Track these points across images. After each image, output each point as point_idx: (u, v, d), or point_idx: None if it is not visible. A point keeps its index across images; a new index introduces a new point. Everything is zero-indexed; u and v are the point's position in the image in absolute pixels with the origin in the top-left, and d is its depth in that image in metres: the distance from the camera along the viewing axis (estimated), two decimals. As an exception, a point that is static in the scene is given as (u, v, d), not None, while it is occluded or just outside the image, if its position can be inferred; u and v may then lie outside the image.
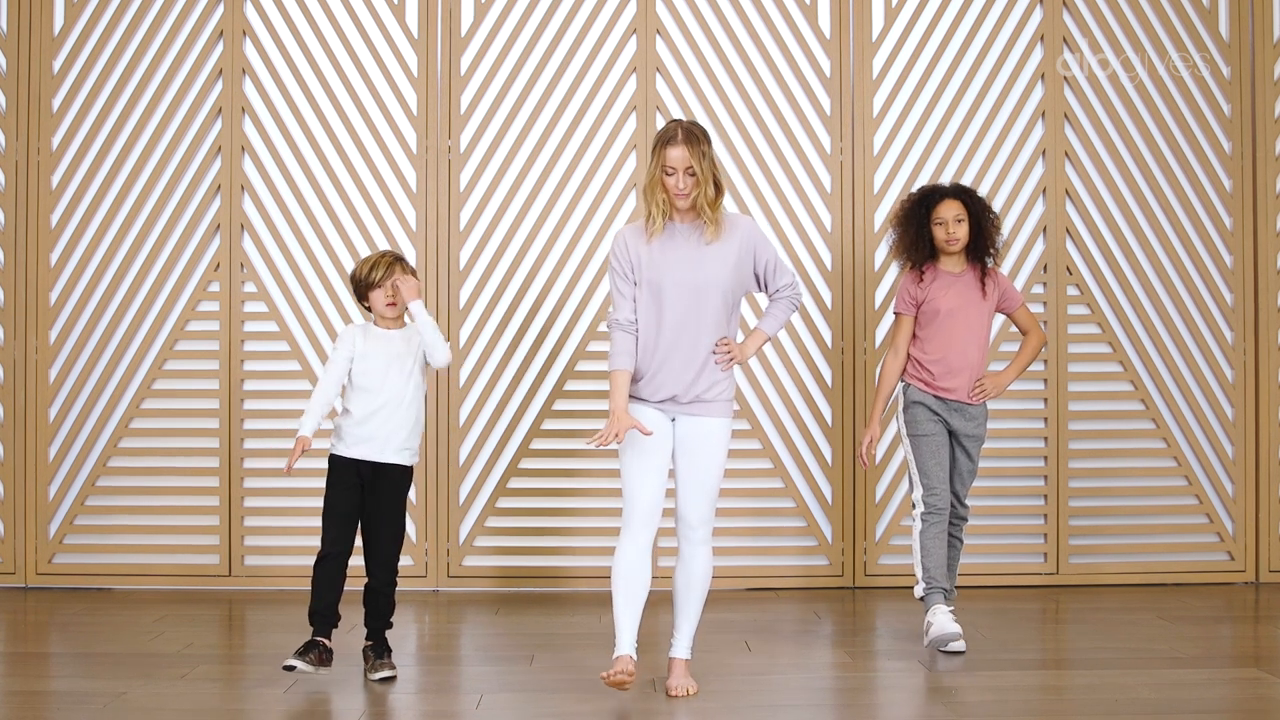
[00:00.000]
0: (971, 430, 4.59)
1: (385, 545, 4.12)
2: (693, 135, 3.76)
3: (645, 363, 3.83)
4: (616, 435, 3.69)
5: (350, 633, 4.49)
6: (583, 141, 5.73)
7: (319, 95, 5.74)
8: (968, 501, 4.69)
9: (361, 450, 4.09)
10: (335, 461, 4.13)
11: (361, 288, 4.18)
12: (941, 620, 4.35)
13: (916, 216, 4.60)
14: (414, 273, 4.21)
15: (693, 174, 3.73)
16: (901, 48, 5.77)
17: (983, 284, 4.59)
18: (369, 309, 4.25)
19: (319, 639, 3.98)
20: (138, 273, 5.70)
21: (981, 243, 4.58)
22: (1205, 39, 5.78)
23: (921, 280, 4.59)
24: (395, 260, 4.17)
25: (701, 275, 3.79)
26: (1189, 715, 3.57)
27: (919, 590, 4.48)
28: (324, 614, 4.02)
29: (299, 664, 3.88)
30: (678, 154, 3.72)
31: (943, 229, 4.54)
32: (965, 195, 4.61)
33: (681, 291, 3.79)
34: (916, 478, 4.54)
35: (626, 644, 3.77)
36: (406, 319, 4.21)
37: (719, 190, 3.80)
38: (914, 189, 4.85)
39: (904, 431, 4.61)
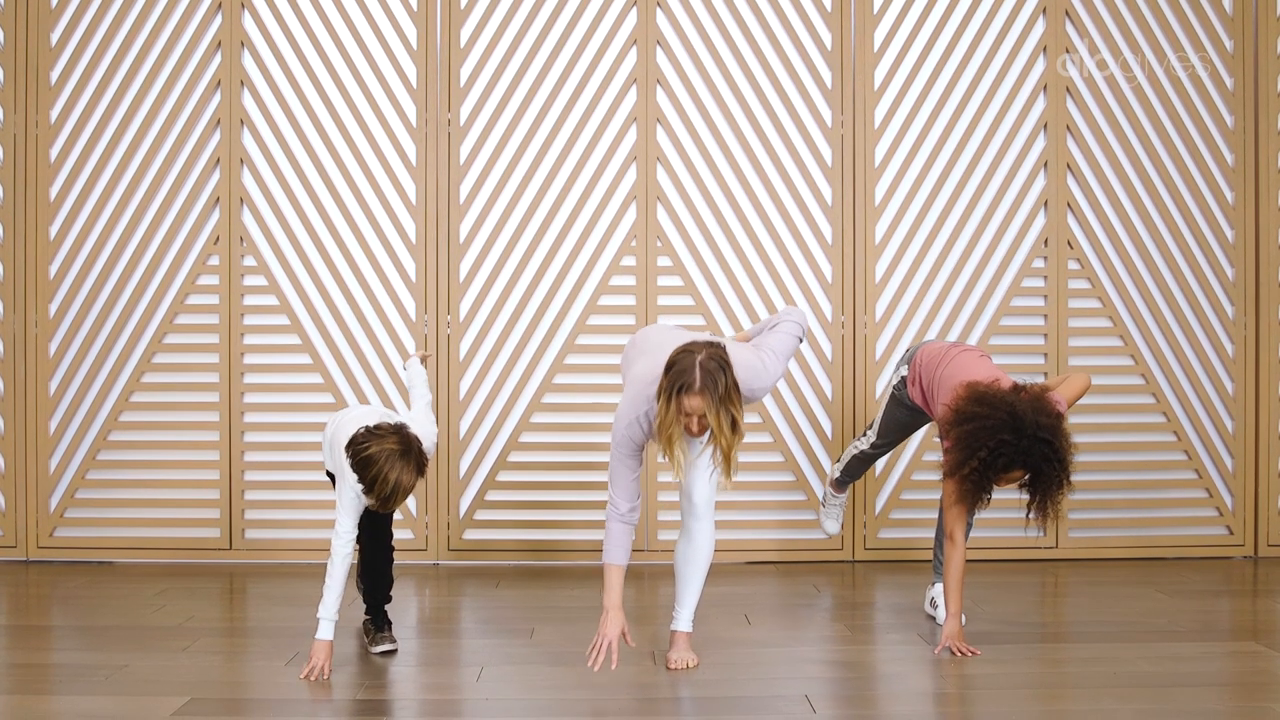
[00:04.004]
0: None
1: (381, 516, 4.12)
2: (709, 378, 3.48)
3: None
4: (610, 644, 3.66)
5: (350, 606, 4.51)
6: (584, 113, 5.70)
7: (318, 68, 5.71)
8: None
9: None
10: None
11: (369, 494, 3.67)
12: (832, 513, 5.10)
13: (984, 470, 3.90)
14: (425, 460, 3.72)
15: (705, 419, 3.53)
16: (903, 20, 5.74)
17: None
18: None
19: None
20: (137, 246, 5.68)
21: (1042, 511, 3.97)
22: (1208, 12, 5.75)
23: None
24: (415, 478, 3.66)
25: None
26: (1187, 688, 3.58)
27: (833, 472, 4.98)
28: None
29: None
30: (694, 404, 3.49)
31: (1002, 483, 3.97)
32: (1034, 467, 3.87)
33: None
34: (876, 426, 4.70)
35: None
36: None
37: (736, 431, 3.54)
38: (1006, 401, 3.90)
39: (889, 392, 4.59)
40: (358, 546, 4.17)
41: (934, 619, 4.47)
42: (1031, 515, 3.95)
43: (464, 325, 5.68)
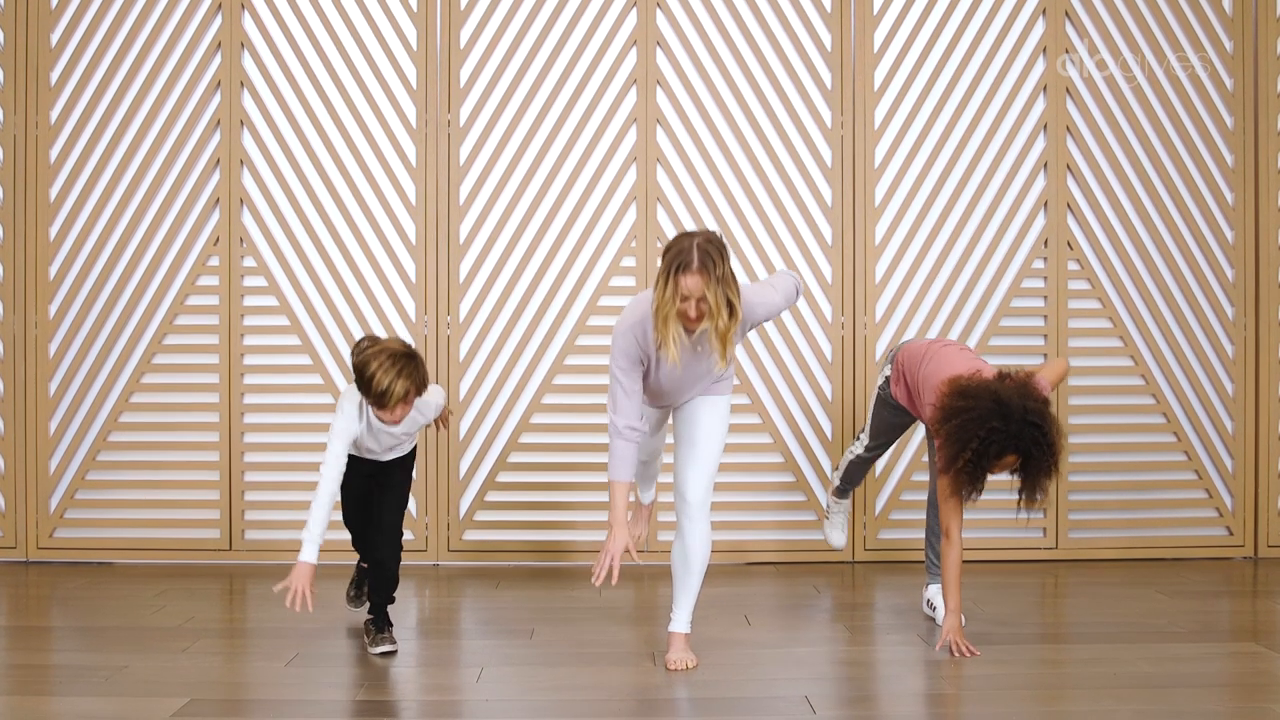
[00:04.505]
0: None
1: (389, 515, 4.13)
2: (708, 258, 3.52)
3: (651, 400, 3.95)
4: (612, 560, 3.68)
5: (347, 606, 4.51)
6: (584, 114, 5.71)
7: (318, 69, 5.71)
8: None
9: (360, 454, 4.12)
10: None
11: (366, 394, 3.80)
12: (837, 523, 5.06)
13: (977, 460, 3.91)
14: (424, 369, 3.84)
15: (705, 300, 3.55)
16: (903, 21, 5.74)
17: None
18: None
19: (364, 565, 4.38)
20: (137, 247, 5.68)
21: (1031, 495, 4.01)
22: (1208, 13, 5.75)
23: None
24: (414, 385, 3.78)
25: (707, 366, 3.79)
26: (1187, 689, 3.58)
27: (835, 478, 4.95)
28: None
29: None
30: (693, 283, 3.52)
31: (994, 470, 3.97)
32: (1025, 451, 3.89)
33: (689, 379, 3.82)
34: (868, 428, 4.70)
35: (645, 495, 4.57)
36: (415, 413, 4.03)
37: (733, 314, 3.58)
38: (992, 389, 3.92)
39: (876, 393, 4.61)
40: (366, 544, 4.21)
41: (933, 619, 4.47)
42: (1022, 500, 3.99)
43: (464, 326, 5.68)
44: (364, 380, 3.76)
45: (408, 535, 5.60)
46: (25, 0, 5.68)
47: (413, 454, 4.24)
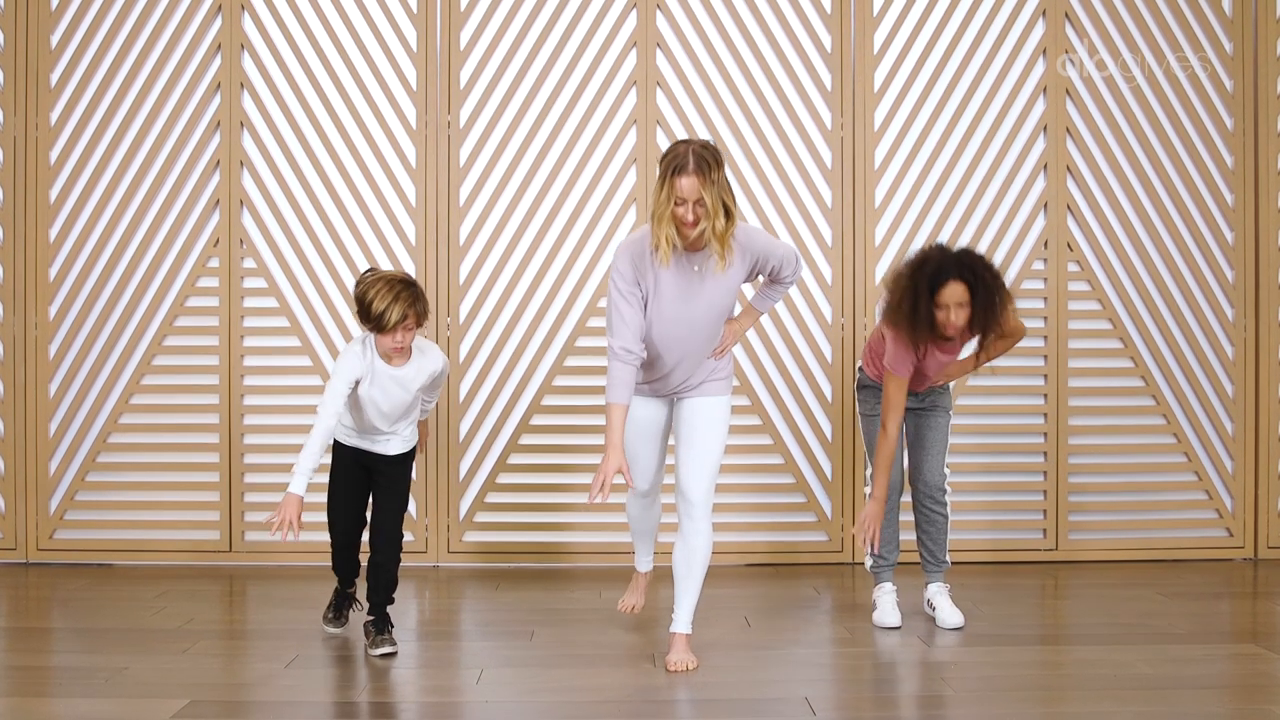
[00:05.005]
0: (921, 405, 4.51)
1: (388, 517, 4.13)
2: (704, 162, 3.58)
3: (649, 372, 3.88)
4: (605, 479, 3.65)
5: (351, 608, 4.51)
6: (583, 115, 5.71)
7: (318, 71, 5.71)
8: (946, 471, 4.55)
9: (360, 443, 4.11)
10: (336, 447, 4.15)
11: (367, 322, 3.89)
12: (885, 607, 4.45)
13: (916, 293, 4.10)
14: (427, 302, 3.95)
15: (702, 204, 3.59)
16: (903, 23, 5.74)
17: (980, 344, 4.34)
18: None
19: (347, 590, 4.36)
20: (137, 248, 5.68)
21: (985, 326, 4.16)
22: (1208, 14, 5.75)
23: (911, 351, 4.24)
24: (412, 303, 3.85)
25: (707, 304, 3.78)
26: (1187, 691, 3.58)
27: (868, 563, 4.58)
28: (348, 574, 4.34)
29: (336, 631, 4.17)
30: (689, 185, 3.56)
31: (943, 313, 4.11)
32: (971, 276, 4.08)
33: (686, 316, 3.78)
34: (868, 456, 4.55)
35: (642, 563, 4.40)
36: (415, 350, 4.05)
37: (729, 217, 3.63)
38: (918, 250, 4.22)
39: (857, 410, 4.62)
40: (369, 556, 4.19)
41: (932, 618, 4.47)
42: (984, 342, 4.24)
43: (464, 327, 5.68)
44: (365, 307, 3.84)
45: (408, 536, 5.59)
46: (25, 2, 5.68)
47: (412, 454, 4.23)
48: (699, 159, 3.58)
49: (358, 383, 3.97)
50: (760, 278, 3.98)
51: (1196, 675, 3.76)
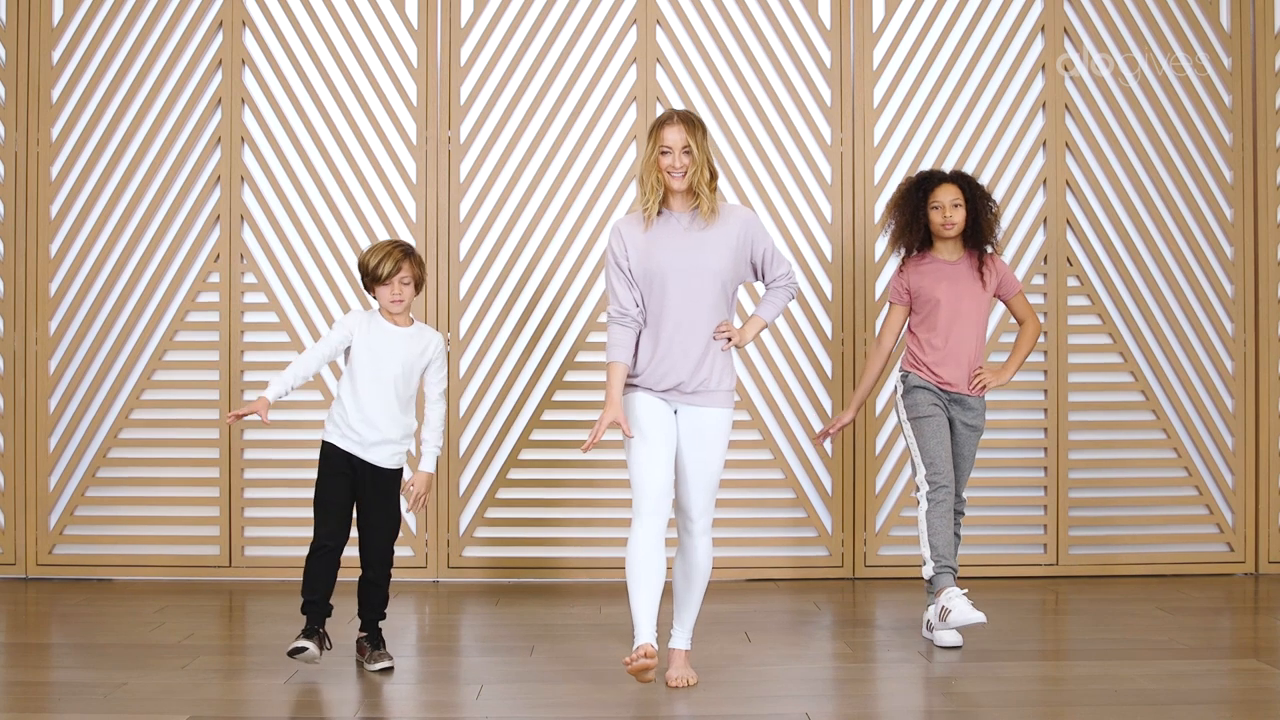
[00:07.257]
0: (970, 420, 4.52)
1: (379, 537, 4.12)
2: (690, 118, 3.80)
3: (647, 352, 3.83)
4: (596, 433, 3.68)
5: (349, 624, 4.50)
6: (583, 132, 5.72)
7: (319, 86, 5.73)
8: (964, 495, 4.60)
9: (351, 446, 4.09)
10: (328, 449, 4.13)
11: (367, 279, 4.09)
12: (960, 606, 4.18)
13: (913, 200, 4.54)
14: (422, 263, 4.13)
15: (689, 152, 3.75)
16: (902, 38, 5.76)
17: (980, 272, 4.52)
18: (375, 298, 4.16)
19: (317, 628, 4.00)
20: (137, 264, 5.69)
21: (979, 229, 4.50)
22: (1206, 30, 5.77)
23: (906, 269, 4.58)
24: (404, 256, 4.06)
25: (699, 261, 3.79)
26: (1188, 706, 3.57)
27: (928, 571, 4.34)
28: (319, 605, 4.01)
29: (308, 645, 3.89)
30: (675, 134, 3.75)
31: (939, 213, 4.47)
32: (963, 180, 4.53)
33: (680, 278, 3.78)
34: (919, 460, 4.43)
35: (646, 633, 3.69)
36: (415, 325, 4.15)
37: (714, 174, 3.82)
38: (915, 177, 4.68)
39: (904, 417, 4.51)
40: (359, 574, 4.16)
41: (930, 640, 4.42)
42: (984, 242, 4.52)
43: (464, 342, 5.69)
44: (364, 265, 4.08)
45: (408, 552, 5.60)
46: (27, 18, 5.70)
47: (399, 478, 4.18)
48: (685, 115, 3.81)
49: (353, 365, 4.09)
50: (758, 282, 4.01)
51: (1198, 690, 3.75)
